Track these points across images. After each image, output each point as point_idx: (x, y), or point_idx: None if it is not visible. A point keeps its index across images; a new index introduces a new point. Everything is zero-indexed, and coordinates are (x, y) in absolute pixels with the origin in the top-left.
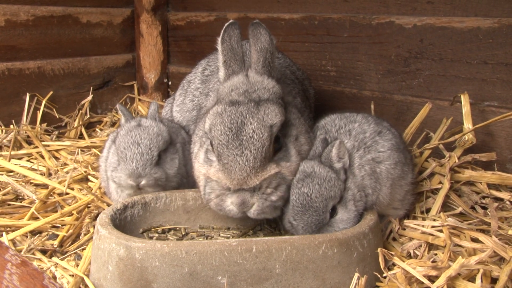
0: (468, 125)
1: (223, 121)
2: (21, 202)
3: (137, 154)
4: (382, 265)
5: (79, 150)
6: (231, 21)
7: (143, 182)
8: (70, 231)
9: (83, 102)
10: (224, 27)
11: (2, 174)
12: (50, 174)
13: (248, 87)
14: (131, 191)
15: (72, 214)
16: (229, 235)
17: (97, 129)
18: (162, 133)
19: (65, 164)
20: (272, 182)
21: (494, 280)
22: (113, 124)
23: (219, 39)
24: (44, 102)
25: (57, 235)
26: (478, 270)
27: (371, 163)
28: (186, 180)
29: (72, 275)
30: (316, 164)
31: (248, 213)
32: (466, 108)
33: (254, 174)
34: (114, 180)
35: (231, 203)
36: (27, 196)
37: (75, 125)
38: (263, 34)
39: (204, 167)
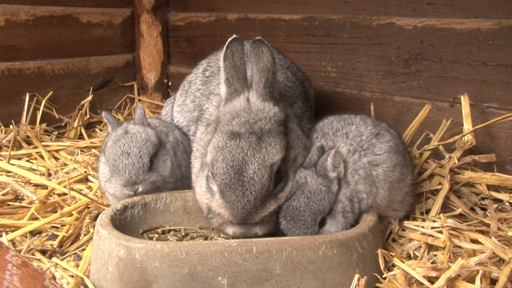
0: (467, 126)
1: (225, 158)
2: (20, 202)
3: (128, 165)
4: (382, 266)
5: (79, 150)
6: (234, 36)
7: (140, 189)
8: (70, 232)
9: (83, 102)
10: (226, 44)
11: (1, 175)
12: (49, 175)
13: (250, 117)
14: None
15: (72, 214)
16: (229, 236)
17: (97, 130)
18: (150, 138)
19: (65, 165)
20: (272, 215)
21: (493, 281)
22: None
23: (221, 56)
24: (43, 102)
25: (57, 236)
26: (478, 271)
27: (366, 166)
28: (181, 183)
29: (72, 276)
30: (310, 174)
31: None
32: (466, 109)
33: (255, 212)
34: (109, 191)
35: (233, 232)
36: (27, 197)
37: (75, 126)
38: (265, 53)
39: (206, 196)
